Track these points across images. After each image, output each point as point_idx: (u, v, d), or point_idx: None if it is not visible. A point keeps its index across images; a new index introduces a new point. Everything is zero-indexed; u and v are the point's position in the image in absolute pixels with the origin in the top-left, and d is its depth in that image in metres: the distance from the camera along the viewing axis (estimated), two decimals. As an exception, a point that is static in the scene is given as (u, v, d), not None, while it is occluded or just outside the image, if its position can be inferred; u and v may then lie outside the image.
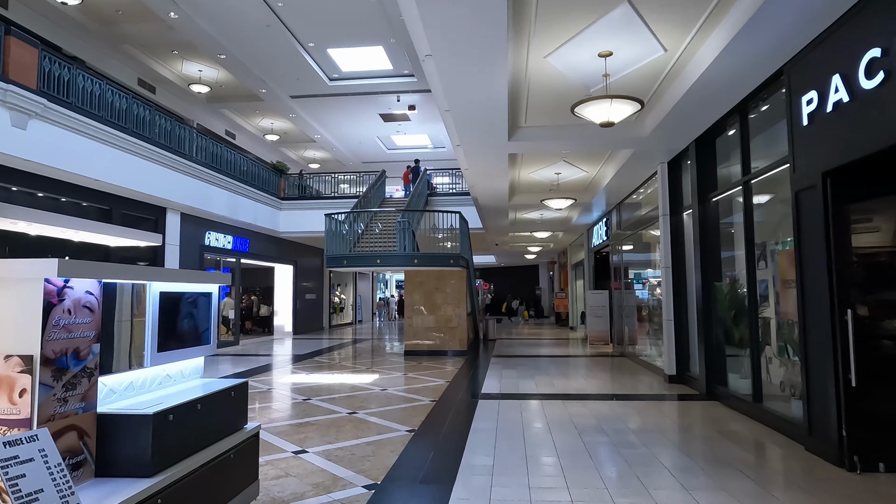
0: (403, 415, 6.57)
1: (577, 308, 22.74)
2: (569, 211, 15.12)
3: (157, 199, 12.21)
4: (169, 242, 12.95)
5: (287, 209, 18.54)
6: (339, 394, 8.03)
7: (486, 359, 12.45)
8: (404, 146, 25.30)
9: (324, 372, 10.45)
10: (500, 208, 13.62)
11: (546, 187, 11.65)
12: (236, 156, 15.90)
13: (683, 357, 8.69)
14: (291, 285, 20.58)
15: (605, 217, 14.43)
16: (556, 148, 8.44)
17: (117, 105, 10.91)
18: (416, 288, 13.27)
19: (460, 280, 13.18)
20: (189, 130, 13.44)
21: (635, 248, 12.30)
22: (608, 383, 8.98)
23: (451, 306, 13.14)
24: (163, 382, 3.31)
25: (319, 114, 20.19)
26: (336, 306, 26.10)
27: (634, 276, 12.47)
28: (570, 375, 9.90)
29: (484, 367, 10.93)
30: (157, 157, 11.90)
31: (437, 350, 13.09)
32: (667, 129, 7.32)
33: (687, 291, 8.70)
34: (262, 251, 18.01)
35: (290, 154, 25.08)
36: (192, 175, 13.28)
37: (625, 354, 12.60)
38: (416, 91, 18.28)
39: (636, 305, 12.06)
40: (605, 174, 10.54)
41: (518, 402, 7.34)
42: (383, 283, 43.60)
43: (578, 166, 10.13)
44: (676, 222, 8.87)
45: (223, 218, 15.02)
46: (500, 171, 9.53)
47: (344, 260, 12.18)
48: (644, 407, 7.05)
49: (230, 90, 18.06)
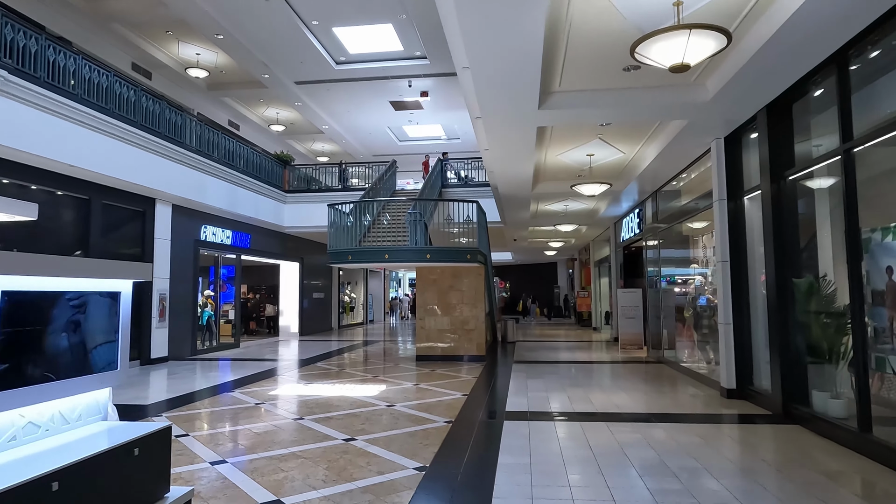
0: (412, 443, 5.32)
1: (601, 308, 21.35)
2: (596, 202, 13.76)
3: (145, 189, 11.10)
4: (158, 236, 11.83)
5: (292, 202, 17.39)
6: (338, 411, 6.81)
7: (506, 365, 11.17)
8: (417, 137, 24.07)
9: (325, 381, 9.24)
10: (522, 198, 12.31)
11: (575, 172, 10.32)
12: (235, 144, 14.77)
13: (745, 368, 7.33)
14: (298, 283, 19.45)
15: (638, 208, 13.05)
16: (594, 118, 7.09)
17: (96, 82, 9.80)
18: (428, 286, 12.02)
19: (478, 277, 11.90)
20: (182, 115, 12.32)
21: (675, 242, 10.92)
22: (655, 398, 7.65)
23: (468, 306, 11.87)
24: (19, 435, 2.08)
25: (326, 102, 19.02)
26: (346, 306, 24.96)
27: (674, 272, 11.10)
28: (606, 387, 8.57)
29: (505, 376, 9.65)
30: (145, 142, 10.78)
31: (451, 355, 11.84)
32: (735, 90, 5.97)
33: (749, 289, 7.34)
34: (265, 247, 16.88)
35: (297, 147, 23.97)
36: (186, 163, 12.16)
37: (663, 361, 11.23)
38: (429, 75, 17.03)
39: (676, 306, 10.71)
40: (644, 156, 9.18)
41: (552, 424, 6.05)
42: (396, 281, 42.46)
43: (615, 146, 8.79)
44: (735, 208, 7.51)
45: (221, 211, 13.89)
46: (525, 151, 8.23)
47: (349, 255, 10.96)
48: (710, 433, 5.73)
49: (231, 76, 16.95)
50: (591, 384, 8.90)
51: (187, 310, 12.93)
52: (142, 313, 11.40)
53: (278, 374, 10.22)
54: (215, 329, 14.40)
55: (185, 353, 12.77)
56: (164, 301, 11.89)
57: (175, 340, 12.30)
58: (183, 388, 8.79)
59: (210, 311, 14.15)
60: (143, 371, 10.68)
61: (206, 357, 13.03)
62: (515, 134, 7.40)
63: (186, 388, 8.63)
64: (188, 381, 9.49)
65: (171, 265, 12.21)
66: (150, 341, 11.51)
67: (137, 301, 11.40)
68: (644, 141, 8.61)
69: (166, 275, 12.04)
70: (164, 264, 12.00)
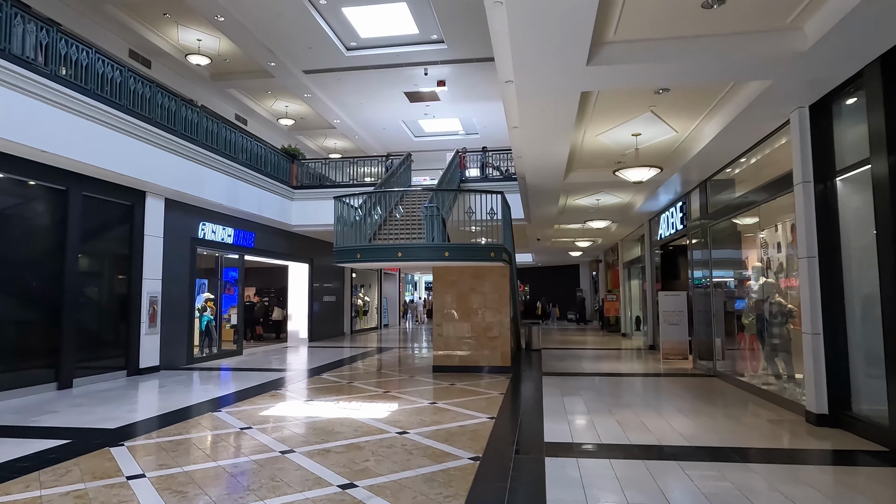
0: (429, 493, 4.03)
1: (631, 312, 19.89)
2: (632, 195, 12.39)
3: (133, 180, 9.99)
4: (149, 233, 10.72)
5: (300, 199, 16.24)
6: (339, 439, 5.56)
7: (535, 378, 9.84)
8: (433, 132, 22.89)
9: (329, 398, 8.00)
10: (551, 190, 11.00)
11: (615, 157, 8.99)
12: (237, 135, 13.66)
13: (840, 389, 5.93)
14: (307, 286, 18.31)
15: (681, 201, 11.64)
16: (653, 79, 5.74)
17: (75, 59, 8.72)
18: (447, 288, 10.75)
19: (502, 278, 10.60)
20: (176, 100, 11.23)
21: (730, 238, 9.52)
22: (724, 424, 6.27)
23: (492, 311, 10.56)
24: None
25: (337, 93, 17.90)
26: (359, 309, 23.78)
27: (728, 273, 9.69)
28: (660, 407, 7.20)
29: (536, 392, 8.33)
30: (132, 128, 9.68)
31: (472, 366, 10.54)
32: (843, 36, 4.63)
33: (845, 292, 5.95)
34: (272, 247, 15.75)
35: (308, 143, 22.91)
36: (180, 153, 11.05)
37: (715, 374, 9.81)
38: (447, 62, 15.82)
39: (729, 310, 9.31)
40: (700, 135, 7.81)
41: (607, 463, 4.73)
42: (412, 284, 41.25)
43: (668, 122, 7.44)
44: (825, 192, 6.12)
45: (221, 207, 12.77)
46: (562, 127, 6.93)
47: (357, 253, 9.73)
48: (823, 480, 4.36)
49: (236, 65, 15.89)
50: (641, 403, 7.54)
51: (183, 314, 11.81)
52: (129, 318, 10.29)
53: (278, 387, 9.02)
54: (215, 335, 13.28)
55: (179, 361, 11.65)
56: (156, 304, 10.77)
57: (168, 348, 11.18)
58: (163, 405, 7.62)
59: (210, 316, 13.03)
60: (129, 383, 9.55)
61: (203, 366, 11.89)
62: (554, 103, 6.10)
63: (167, 406, 7.46)
64: (173, 396, 8.33)
65: (164, 265, 11.10)
66: (138, 349, 10.39)
67: (124, 304, 10.29)
68: (704, 115, 7.24)
69: (158, 275, 10.92)
70: (156, 264, 10.89)
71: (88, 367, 9.44)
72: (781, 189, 7.05)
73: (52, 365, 8.73)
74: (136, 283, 10.43)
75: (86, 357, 9.43)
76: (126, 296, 10.34)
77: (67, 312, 8.91)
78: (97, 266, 9.98)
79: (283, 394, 8.37)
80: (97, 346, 9.79)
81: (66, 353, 8.88)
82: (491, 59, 15.95)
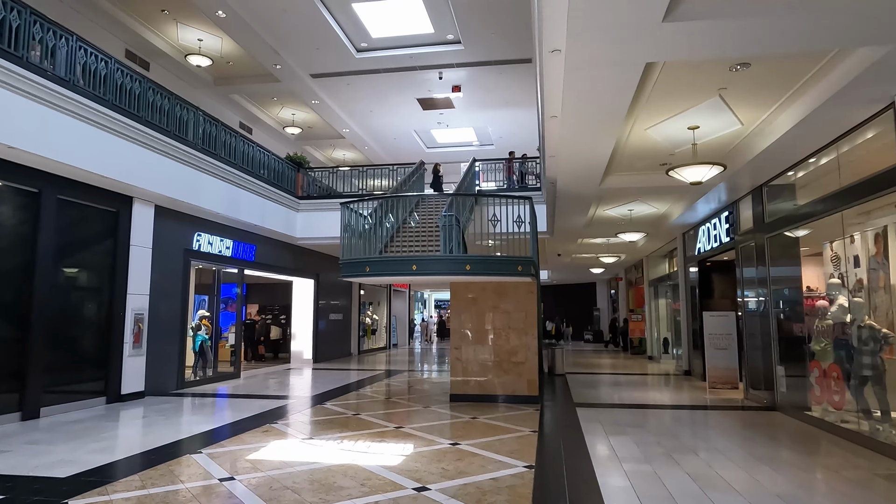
0: None
1: (658, 333, 18.56)
2: (670, 205, 11.22)
3: (118, 184, 8.96)
4: (136, 243, 9.66)
5: (306, 210, 15.19)
6: (339, 499, 4.36)
7: (568, 410, 8.60)
8: (446, 143, 21.91)
9: (332, 435, 6.80)
10: (583, 198, 9.87)
11: (661, 157, 7.86)
12: (238, 139, 12.68)
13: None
14: (312, 303, 17.17)
15: (727, 211, 10.44)
16: (737, 44, 4.55)
17: (51, 45, 7.75)
18: (466, 307, 9.56)
19: (529, 295, 9.41)
20: (169, 98, 10.26)
21: (792, 251, 8.31)
22: (825, 480, 5.02)
23: (516, 332, 9.36)
24: None
25: (347, 99, 16.96)
26: (367, 329, 22.59)
27: (790, 289, 8.45)
28: (732, 453, 5.92)
29: (574, 429, 7.09)
30: (118, 126, 8.68)
31: (494, 394, 9.30)
32: None
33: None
34: (274, 261, 14.66)
35: (315, 154, 21.98)
36: (173, 156, 10.04)
37: (775, 407, 8.51)
38: (463, 65, 14.84)
39: (793, 334, 8.06)
40: (772, 126, 6.64)
41: (702, 544, 3.50)
42: (420, 302, 39.99)
43: (735, 111, 6.29)
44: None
45: (219, 217, 11.72)
46: (614, 111, 5.79)
47: (366, 266, 8.58)
48: None
49: (240, 68, 14.99)
50: (705, 446, 6.28)
51: (173, 333, 10.69)
52: (111, 338, 9.18)
53: (274, 419, 7.83)
54: (210, 356, 12.14)
55: (168, 386, 10.49)
56: (142, 323, 9.66)
57: (155, 371, 10.04)
58: (137, 442, 6.46)
59: (204, 335, 11.91)
60: (107, 412, 8.40)
61: (195, 391, 10.73)
62: (611, 77, 4.97)
63: (140, 444, 6.30)
64: (151, 430, 7.16)
65: (153, 279, 10.02)
66: (120, 372, 9.25)
67: (105, 322, 9.19)
68: (781, 101, 6.08)
69: (145, 290, 9.83)
70: (143, 278, 9.81)
71: (60, 394, 8.31)
72: (867, 192, 5.87)
73: (14, 390, 7.60)
74: (120, 299, 9.34)
75: (57, 382, 8.31)
76: (108, 312, 9.24)
77: (36, 331, 7.81)
78: (74, 278, 8.89)
79: (278, 428, 7.17)
80: (71, 370, 8.66)
81: (33, 377, 7.76)
82: (511, 61, 14.97)
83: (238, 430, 7.07)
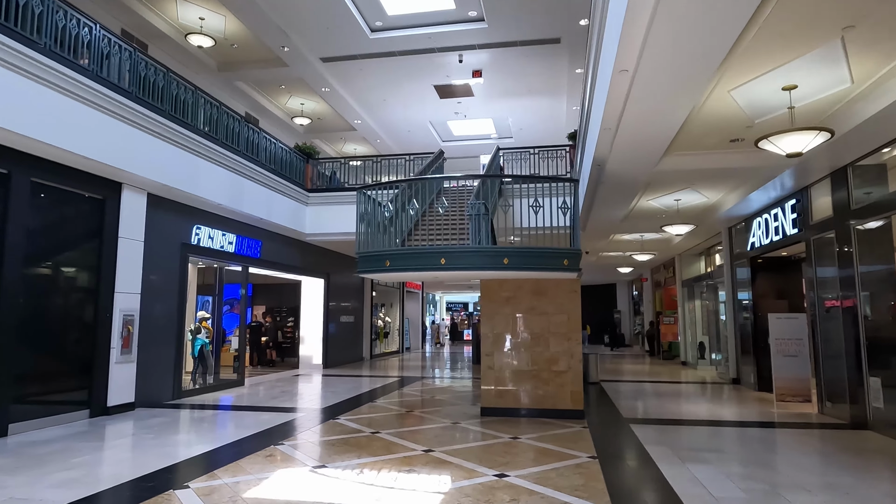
0: None
1: (692, 337, 17.27)
2: (725, 193, 9.98)
3: (104, 168, 7.85)
4: (125, 235, 8.54)
5: (316, 203, 14.07)
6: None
7: (621, 428, 7.38)
8: (463, 136, 20.76)
9: (347, 461, 5.63)
10: (631, 183, 8.67)
11: (737, 128, 6.66)
12: (242, 125, 11.58)
13: None
14: (322, 305, 16.04)
15: (794, 199, 9.18)
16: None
17: (22, 3, 6.65)
18: (499, 307, 8.37)
19: (571, 294, 8.21)
20: (164, 74, 9.18)
21: (882, 244, 7.06)
22: None
23: (558, 337, 8.15)
24: None
25: (359, 87, 15.86)
26: (380, 331, 21.44)
27: (884, 288, 7.19)
28: (856, 493, 4.67)
29: (640, 454, 5.87)
30: (104, 102, 7.59)
31: (532, 408, 8.10)
32: None
33: None
34: (281, 258, 13.54)
35: (325, 147, 20.90)
36: (169, 139, 8.95)
37: (867, 425, 7.24)
38: (486, 46, 13.67)
39: (888, 340, 6.80)
40: (890, 85, 5.40)
41: None
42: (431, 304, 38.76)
43: (852, 61, 5.05)
44: None
45: (220, 208, 10.61)
46: (708, 58, 4.55)
47: (386, 260, 7.41)
48: None
49: (245, 52, 13.91)
50: (817, 482, 5.02)
51: (169, 337, 9.58)
52: (96, 342, 8.06)
53: (279, 439, 6.67)
54: (211, 361, 11.01)
55: (163, 395, 9.37)
56: (132, 325, 8.55)
57: (148, 379, 8.92)
58: (111, 472, 5.31)
59: (204, 339, 10.79)
60: (89, 428, 7.28)
61: (193, 402, 9.60)
62: (719, 6, 3.77)
63: (114, 475, 5.14)
64: (134, 453, 6.03)
65: (145, 276, 8.91)
66: (106, 382, 8.13)
67: (88, 325, 8.08)
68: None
69: (136, 289, 8.72)
70: (133, 274, 8.69)
71: (35, 407, 7.19)
72: None
73: (-23, 406, 6.51)
74: (107, 298, 8.23)
75: (31, 394, 7.20)
76: (93, 314, 8.12)
77: (4, 334, 6.70)
78: (51, 275, 7.78)
79: (284, 451, 6.01)
80: (48, 379, 7.55)
81: (0, 387, 6.65)
82: (538, 41, 13.70)
83: (237, 453, 5.91)
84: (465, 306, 42.89)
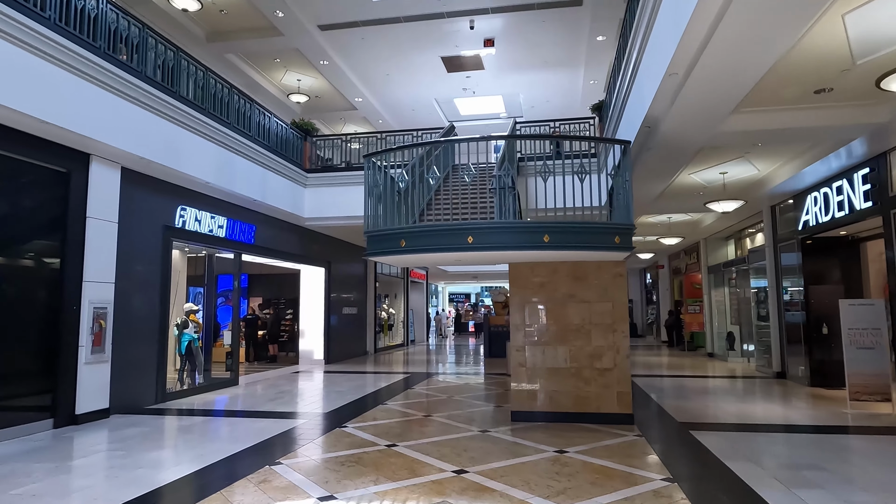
0: None
1: (719, 327, 16.13)
2: (783, 163, 8.79)
3: (68, 135, 6.63)
4: (94, 215, 7.32)
5: (315, 185, 12.87)
6: None
7: (682, 436, 6.23)
8: (470, 115, 19.48)
9: (360, 487, 4.46)
10: (685, 148, 7.48)
11: (833, 73, 5.46)
12: (233, 94, 10.34)
13: None
14: (323, 296, 14.86)
15: (867, 167, 7.96)
16: None
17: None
18: (530, 294, 7.19)
19: (617, 279, 7.02)
20: (141, 29, 7.94)
21: None
22: None
23: (601, 330, 6.98)
24: None
25: (361, 60, 14.58)
26: (384, 324, 20.29)
27: None
28: None
29: (724, 475, 4.71)
30: (67, 57, 6.36)
31: (573, 412, 6.94)
32: None
33: None
34: (278, 245, 12.34)
35: (323, 129, 19.58)
36: (147, 105, 7.73)
37: (974, 430, 6.10)
38: (499, 10, 12.39)
39: None
40: None
41: None
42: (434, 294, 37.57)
43: None
44: None
45: (208, 187, 9.40)
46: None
47: (401, 239, 6.22)
48: None
49: (236, 18, 12.61)
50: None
51: (150, 333, 8.39)
52: (60, 339, 6.87)
53: (275, 456, 5.51)
54: (201, 358, 9.84)
55: (144, 399, 8.20)
56: (104, 319, 7.35)
57: (125, 381, 7.74)
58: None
59: (192, 334, 9.61)
60: (51, 441, 6.11)
61: (179, 406, 8.43)
62: None
63: (66, 512, 3.98)
64: (92, 479, 4.86)
65: (119, 263, 7.70)
66: (74, 385, 6.95)
67: (51, 319, 6.88)
68: None
69: (109, 277, 7.51)
70: (105, 261, 7.48)
71: (-16, 418, 6.04)
72: None
73: None
74: (73, 288, 7.02)
75: (-21, 402, 6.04)
76: (57, 307, 6.93)
77: (-59, 333, 5.53)
78: (4, 261, 6.57)
79: (281, 475, 4.83)
80: (2, 384, 6.37)
81: (-63, 398, 5.49)
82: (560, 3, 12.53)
83: (222, 478, 4.74)
84: (468, 297, 41.90)
